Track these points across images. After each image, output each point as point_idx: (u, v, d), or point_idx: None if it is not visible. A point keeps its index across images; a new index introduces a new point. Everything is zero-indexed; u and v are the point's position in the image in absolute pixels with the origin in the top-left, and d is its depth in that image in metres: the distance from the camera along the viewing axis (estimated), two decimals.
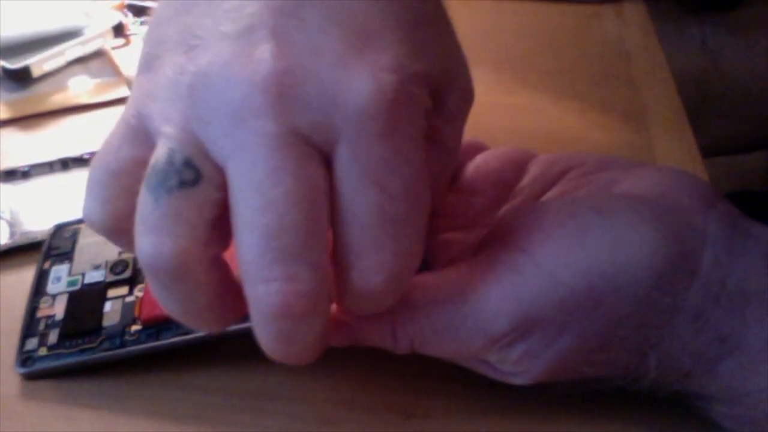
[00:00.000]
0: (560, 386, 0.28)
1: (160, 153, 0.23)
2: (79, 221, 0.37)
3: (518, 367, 0.27)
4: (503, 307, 0.26)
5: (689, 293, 0.26)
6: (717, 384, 0.27)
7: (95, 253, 0.35)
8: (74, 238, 0.36)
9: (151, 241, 0.23)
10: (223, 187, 0.23)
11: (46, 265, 0.35)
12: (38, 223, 0.38)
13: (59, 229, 0.37)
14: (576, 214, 0.27)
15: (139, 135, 0.24)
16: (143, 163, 0.24)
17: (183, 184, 0.23)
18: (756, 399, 0.26)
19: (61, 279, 0.34)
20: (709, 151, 0.46)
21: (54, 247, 0.36)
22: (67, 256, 0.35)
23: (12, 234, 0.37)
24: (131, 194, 0.24)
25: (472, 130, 0.42)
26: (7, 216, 0.38)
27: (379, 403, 0.30)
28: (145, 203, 0.23)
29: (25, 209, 0.39)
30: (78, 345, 0.32)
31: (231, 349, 0.32)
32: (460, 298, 0.26)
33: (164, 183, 0.23)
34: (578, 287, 0.25)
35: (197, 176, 0.23)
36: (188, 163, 0.23)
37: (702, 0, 0.79)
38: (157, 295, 0.24)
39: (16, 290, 0.34)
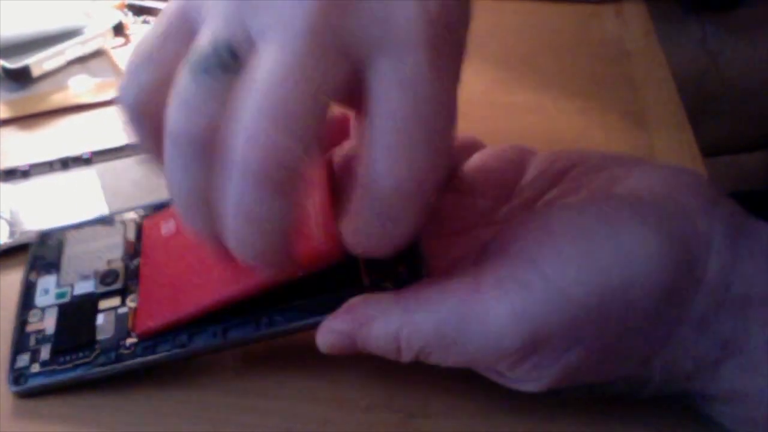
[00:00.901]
0: (565, 392, 0.28)
1: (204, 37, 0.24)
2: (65, 228, 0.36)
3: (527, 377, 0.27)
4: (514, 325, 0.26)
5: (694, 302, 0.26)
6: (719, 385, 0.27)
7: (83, 263, 0.34)
8: (60, 246, 0.35)
9: (183, 115, 0.24)
10: None
11: (33, 276, 0.34)
12: (38, 223, 0.38)
13: (44, 237, 0.36)
14: (584, 226, 0.26)
15: (181, 31, 0.25)
16: (184, 56, 0.24)
17: (225, 71, 0.24)
18: (758, 400, 0.26)
19: (49, 291, 0.33)
20: (709, 151, 0.46)
21: (40, 256, 0.35)
22: (54, 266, 0.34)
23: (12, 233, 0.37)
24: (169, 82, 0.24)
25: (473, 129, 0.42)
26: (7, 215, 0.38)
27: (379, 403, 0.30)
28: (184, 82, 0.24)
29: (25, 209, 0.39)
30: (72, 360, 0.31)
31: (231, 350, 0.32)
32: (468, 314, 0.26)
33: (206, 68, 0.24)
34: (590, 304, 0.25)
35: (238, 64, 0.24)
36: (231, 51, 0.24)
37: (702, 0, 0.79)
38: (170, 175, 0.25)
39: (16, 290, 0.34)
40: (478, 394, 0.30)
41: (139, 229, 0.35)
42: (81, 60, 0.50)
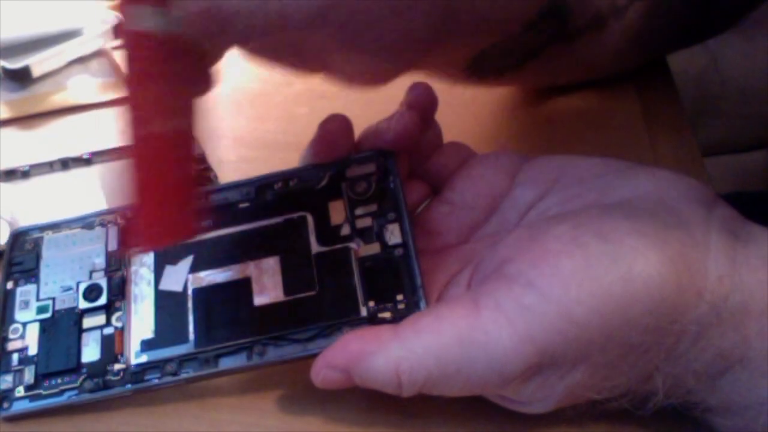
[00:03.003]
0: (570, 410, 0.28)
1: None
2: (41, 227, 0.34)
3: (533, 398, 0.27)
4: (517, 349, 0.26)
5: (695, 314, 0.26)
6: (718, 397, 0.27)
7: (64, 272, 0.33)
8: (37, 250, 0.33)
9: None
10: None
11: (10, 284, 0.32)
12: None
13: (18, 237, 0.34)
14: (581, 243, 0.26)
15: None
16: None
17: None
18: (756, 411, 0.26)
19: (29, 304, 0.32)
20: (709, 151, 0.46)
21: (16, 262, 0.33)
22: (32, 273, 0.33)
23: None
24: None
25: (473, 129, 0.42)
26: (7, 216, 0.38)
27: (379, 403, 0.30)
28: None
29: (25, 209, 0.39)
30: (57, 385, 0.30)
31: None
32: (470, 341, 0.26)
33: None
34: (591, 323, 0.25)
35: None
36: None
37: None
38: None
39: None
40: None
41: (121, 231, 0.33)
42: (81, 60, 0.50)
